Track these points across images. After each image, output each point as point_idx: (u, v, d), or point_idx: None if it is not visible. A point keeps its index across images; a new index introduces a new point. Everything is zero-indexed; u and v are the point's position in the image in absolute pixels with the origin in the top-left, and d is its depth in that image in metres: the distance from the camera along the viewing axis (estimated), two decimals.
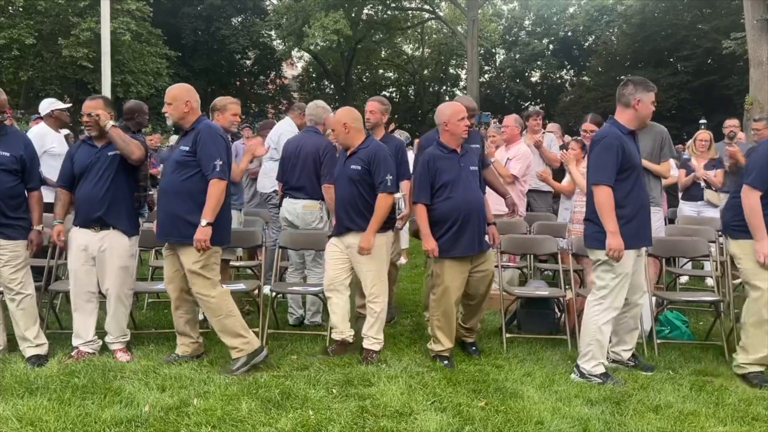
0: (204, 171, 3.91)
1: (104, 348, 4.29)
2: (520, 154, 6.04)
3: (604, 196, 3.78)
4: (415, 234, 4.70)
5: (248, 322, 5.12)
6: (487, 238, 4.33)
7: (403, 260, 7.50)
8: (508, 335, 4.66)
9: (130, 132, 5.58)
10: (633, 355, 4.21)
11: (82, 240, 4.14)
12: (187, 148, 3.97)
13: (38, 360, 4.07)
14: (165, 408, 3.35)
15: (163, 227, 4.05)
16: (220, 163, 3.90)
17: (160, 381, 3.74)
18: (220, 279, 4.10)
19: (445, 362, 4.18)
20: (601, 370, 3.91)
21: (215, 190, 3.89)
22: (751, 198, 3.90)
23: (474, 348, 4.47)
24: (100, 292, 4.27)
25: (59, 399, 3.44)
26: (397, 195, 4.61)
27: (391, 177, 4.19)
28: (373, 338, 4.28)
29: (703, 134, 7.03)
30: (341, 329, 4.35)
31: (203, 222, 3.85)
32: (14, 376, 3.78)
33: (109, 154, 4.12)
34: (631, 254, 3.83)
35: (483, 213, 4.24)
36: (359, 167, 4.22)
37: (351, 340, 4.39)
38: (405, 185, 4.82)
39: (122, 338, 4.28)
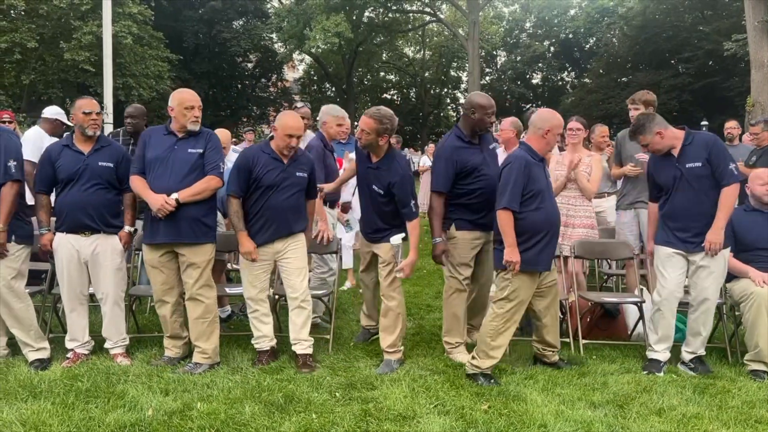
0: (205, 166, 4.05)
1: (102, 350, 4.31)
2: None
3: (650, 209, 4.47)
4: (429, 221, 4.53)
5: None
6: None
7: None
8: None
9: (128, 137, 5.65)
10: (700, 360, 4.25)
11: (72, 244, 4.14)
12: (200, 151, 4.06)
13: (41, 364, 4.09)
14: (168, 412, 3.35)
15: (174, 228, 4.01)
16: (223, 166, 4.13)
17: (164, 384, 3.74)
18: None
19: (491, 381, 3.90)
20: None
21: (209, 183, 4.03)
22: None
23: (565, 362, 4.27)
24: (91, 295, 4.31)
25: (63, 403, 3.44)
26: (395, 240, 4.28)
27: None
28: (304, 341, 4.17)
29: None
30: (272, 337, 4.28)
31: (174, 195, 3.96)
32: (18, 380, 3.79)
33: (101, 164, 4.13)
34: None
35: None
36: (305, 174, 4.24)
37: (276, 347, 4.31)
38: (414, 226, 4.24)
39: (122, 342, 4.30)
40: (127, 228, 4.26)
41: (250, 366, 4.14)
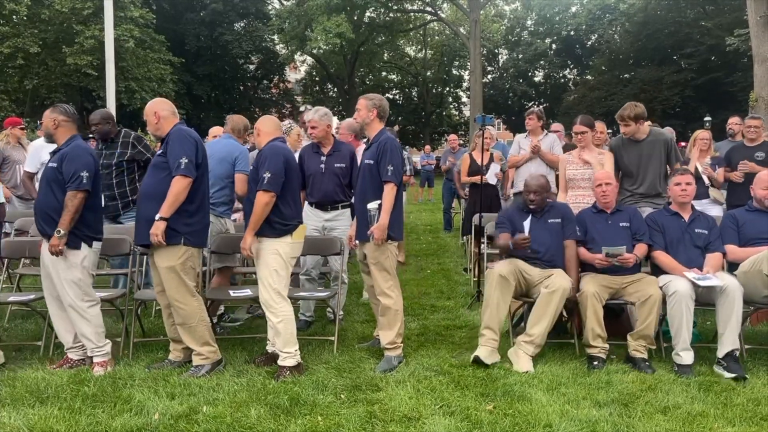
0: (171, 170, 3.94)
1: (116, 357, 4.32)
2: None
3: None
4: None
5: (257, 327, 5.17)
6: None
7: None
8: (515, 338, 4.65)
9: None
10: (733, 357, 4.12)
11: (43, 248, 4.13)
12: (160, 151, 4.08)
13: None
14: (174, 416, 3.37)
15: (140, 231, 4.05)
16: (185, 161, 3.92)
17: (170, 389, 3.76)
18: (195, 285, 4.11)
19: (595, 363, 4.23)
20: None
21: (176, 186, 3.91)
22: None
23: (646, 363, 4.22)
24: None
25: (70, 408, 3.46)
26: (372, 205, 4.15)
27: (269, 175, 3.96)
28: (284, 353, 4.05)
29: (704, 133, 7.00)
30: (273, 342, 4.21)
31: (157, 217, 3.89)
32: (25, 386, 3.80)
33: (49, 165, 4.09)
34: None
35: None
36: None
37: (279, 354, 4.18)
38: (387, 191, 4.15)
39: (97, 351, 4.14)
40: (56, 231, 3.92)
41: (255, 368, 4.15)
